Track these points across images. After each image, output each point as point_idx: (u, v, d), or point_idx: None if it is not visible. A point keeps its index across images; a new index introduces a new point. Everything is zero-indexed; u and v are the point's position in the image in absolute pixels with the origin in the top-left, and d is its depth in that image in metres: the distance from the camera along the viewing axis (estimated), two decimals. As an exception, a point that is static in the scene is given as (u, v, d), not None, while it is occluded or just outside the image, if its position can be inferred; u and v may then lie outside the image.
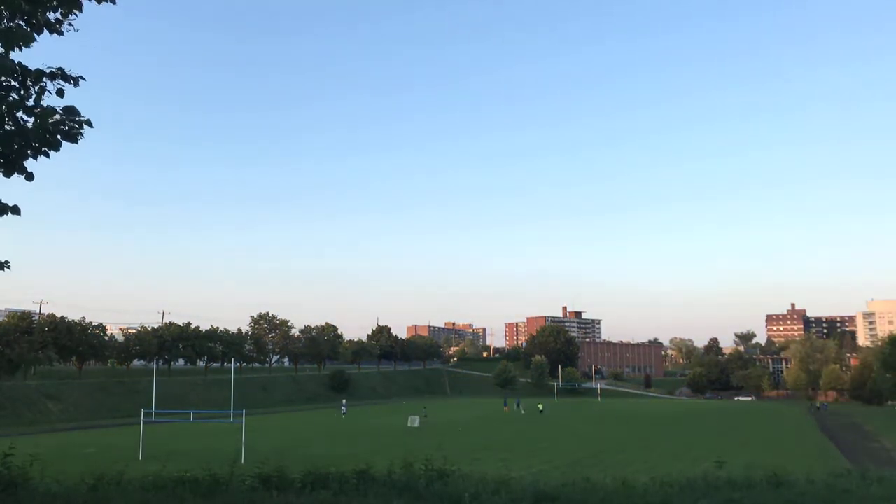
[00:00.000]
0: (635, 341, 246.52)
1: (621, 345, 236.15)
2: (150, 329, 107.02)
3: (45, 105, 6.28)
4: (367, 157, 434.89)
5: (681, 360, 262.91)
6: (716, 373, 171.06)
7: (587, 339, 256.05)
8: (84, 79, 6.43)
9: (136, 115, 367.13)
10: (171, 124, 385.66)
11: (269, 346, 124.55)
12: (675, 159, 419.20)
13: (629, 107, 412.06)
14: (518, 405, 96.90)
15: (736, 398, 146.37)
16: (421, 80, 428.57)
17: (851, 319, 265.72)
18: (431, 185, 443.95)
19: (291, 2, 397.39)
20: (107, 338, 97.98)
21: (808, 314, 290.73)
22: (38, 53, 6.30)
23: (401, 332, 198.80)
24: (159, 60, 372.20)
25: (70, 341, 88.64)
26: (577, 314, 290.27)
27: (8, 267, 6.96)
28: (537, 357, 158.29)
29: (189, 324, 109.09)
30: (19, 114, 6.25)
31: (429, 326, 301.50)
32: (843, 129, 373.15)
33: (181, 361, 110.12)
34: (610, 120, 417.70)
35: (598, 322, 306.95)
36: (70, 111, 6.28)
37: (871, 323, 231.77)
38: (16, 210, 6.50)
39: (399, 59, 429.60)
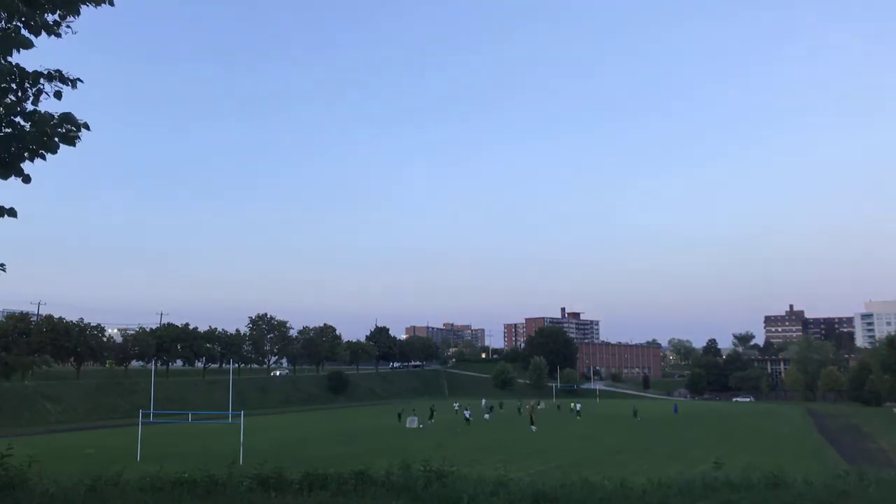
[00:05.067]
0: (634, 342, 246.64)
1: (620, 346, 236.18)
2: (148, 330, 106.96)
3: (42, 110, 6.28)
4: (364, 159, 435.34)
5: (680, 362, 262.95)
6: (714, 374, 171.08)
7: (586, 340, 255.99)
8: (82, 81, 6.42)
9: (133, 115, 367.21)
10: (168, 125, 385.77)
11: (268, 347, 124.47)
12: (673, 160, 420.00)
13: (629, 102, 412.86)
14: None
15: (734, 399, 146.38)
16: (419, 73, 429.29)
17: (849, 320, 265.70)
18: (429, 185, 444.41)
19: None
20: (105, 339, 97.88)
21: (807, 315, 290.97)
22: (36, 54, 6.30)
23: (399, 332, 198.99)
24: (155, 59, 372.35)
25: (68, 342, 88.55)
26: (576, 315, 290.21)
27: (4, 269, 6.95)
28: (536, 358, 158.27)
29: (187, 325, 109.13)
30: (17, 119, 6.24)
31: (427, 327, 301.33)
32: (841, 127, 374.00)
33: (179, 362, 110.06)
34: (607, 116, 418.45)
35: (597, 323, 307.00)
36: (67, 118, 6.28)
37: (868, 324, 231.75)
38: (12, 212, 6.49)
39: (394, 55, 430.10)
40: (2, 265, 6.93)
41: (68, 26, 6.42)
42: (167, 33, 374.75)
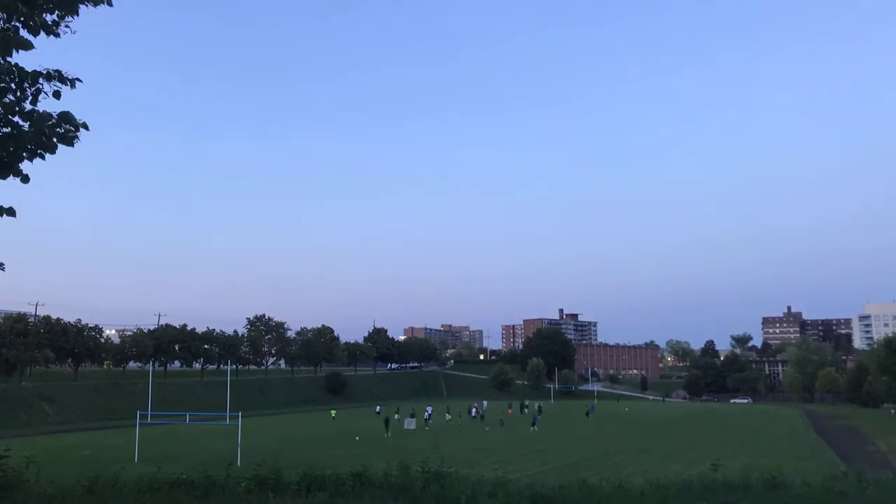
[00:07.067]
0: (632, 344, 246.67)
1: (618, 347, 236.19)
2: (146, 331, 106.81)
3: (41, 110, 6.26)
4: (362, 159, 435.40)
5: (678, 363, 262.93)
6: (712, 375, 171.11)
7: (584, 342, 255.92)
8: (81, 80, 6.41)
9: (132, 116, 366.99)
10: (167, 126, 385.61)
11: (266, 348, 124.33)
12: (671, 159, 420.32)
13: (628, 100, 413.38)
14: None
15: (732, 401, 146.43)
16: (420, 70, 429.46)
17: (847, 322, 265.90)
18: (427, 185, 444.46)
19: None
20: (103, 340, 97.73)
21: (805, 317, 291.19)
22: (35, 54, 6.29)
23: (397, 333, 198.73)
24: (154, 60, 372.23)
25: (66, 343, 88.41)
26: (574, 316, 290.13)
27: (3, 269, 6.94)
28: (534, 359, 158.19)
29: (185, 326, 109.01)
30: (15, 118, 6.23)
31: (425, 328, 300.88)
32: (839, 129, 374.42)
33: (177, 363, 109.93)
34: (604, 115, 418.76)
35: (595, 324, 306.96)
36: (66, 118, 6.27)
37: (866, 326, 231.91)
38: (11, 212, 6.47)
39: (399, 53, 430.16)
40: (0, 264, 6.92)
41: (67, 26, 6.41)
42: (166, 34, 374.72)
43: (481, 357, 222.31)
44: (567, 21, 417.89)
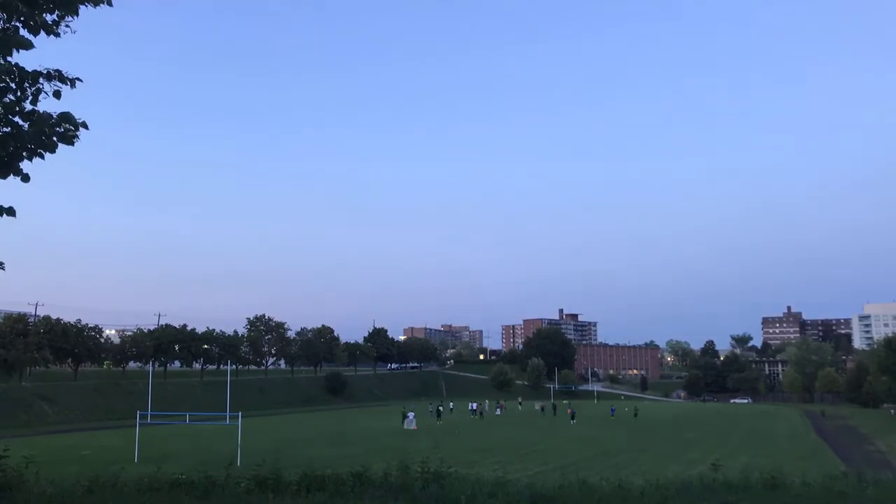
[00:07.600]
0: (632, 344, 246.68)
1: (618, 347, 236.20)
2: (146, 331, 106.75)
3: (41, 110, 6.27)
4: (362, 159, 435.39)
5: (678, 363, 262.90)
6: (712, 375, 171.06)
7: (584, 342, 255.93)
8: (81, 80, 6.41)
9: (132, 116, 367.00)
10: (167, 126, 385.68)
11: (266, 348, 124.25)
12: (670, 161, 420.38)
13: (629, 100, 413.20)
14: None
15: (732, 401, 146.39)
16: (422, 67, 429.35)
17: (847, 322, 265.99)
18: (426, 185, 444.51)
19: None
20: (103, 340, 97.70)
21: (805, 317, 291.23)
22: (35, 54, 6.28)
23: (397, 333, 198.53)
24: (154, 60, 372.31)
25: (66, 343, 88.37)
26: (574, 316, 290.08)
27: (3, 268, 6.94)
28: (534, 359, 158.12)
29: (185, 326, 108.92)
30: (15, 118, 6.23)
31: (425, 328, 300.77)
32: (838, 130, 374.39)
33: (177, 363, 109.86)
34: (605, 115, 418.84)
35: (595, 324, 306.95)
36: (66, 117, 6.27)
37: (866, 326, 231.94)
38: (11, 212, 6.47)
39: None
40: (0, 264, 6.92)
41: (67, 26, 6.41)
42: (165, 34, 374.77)
43: (481, 357, 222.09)
44: (567, 32, 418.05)
